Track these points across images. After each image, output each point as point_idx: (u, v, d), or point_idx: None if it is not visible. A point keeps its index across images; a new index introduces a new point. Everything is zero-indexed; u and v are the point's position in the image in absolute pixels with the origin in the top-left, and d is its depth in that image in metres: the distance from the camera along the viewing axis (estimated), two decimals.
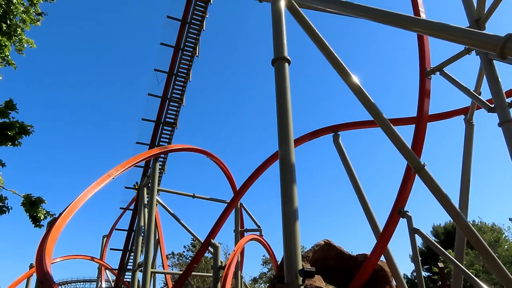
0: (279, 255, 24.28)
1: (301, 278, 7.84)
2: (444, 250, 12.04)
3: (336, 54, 10.67)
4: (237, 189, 23.09)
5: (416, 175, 10.47)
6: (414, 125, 13.09)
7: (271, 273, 53.37)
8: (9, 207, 8.54)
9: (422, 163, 9.56)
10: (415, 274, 40.13)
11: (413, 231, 12.69)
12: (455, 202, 11.19)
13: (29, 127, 8.87)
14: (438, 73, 13.05)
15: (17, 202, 8.75)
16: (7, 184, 8.88)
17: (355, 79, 10.51)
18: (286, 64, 10.08)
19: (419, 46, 13.54)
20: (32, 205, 8.42)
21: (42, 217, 8.49)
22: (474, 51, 11.75)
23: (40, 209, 8.50)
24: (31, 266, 25.42)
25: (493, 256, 9.89)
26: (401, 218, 13.20)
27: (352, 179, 16.44)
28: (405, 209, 13.20)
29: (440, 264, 12.53)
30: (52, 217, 9.18)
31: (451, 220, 40.75)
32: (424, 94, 13.02)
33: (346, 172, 16.77)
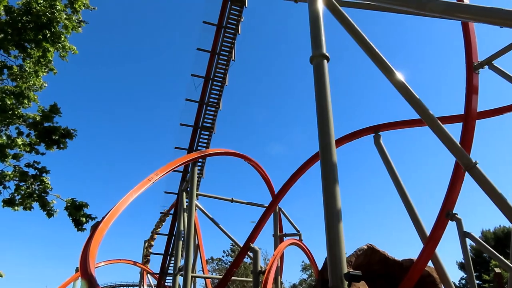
0: (319, 260, 23.76)
1: (346, 283, 7.51)
2: (498, 255, 11.23)
3: (378, 51, 10.28)
4: (275, 193, 22.86)
5: (467, 174, 9.89)
6: (462, 123, 12.40)
7: (311, 279, 52.52)
8: (56, 210, 8.77)
9: (474, 161, 8.96)
10: (463, 281, 38.32)
11: (463, 235, 11.98)
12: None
13: (72, 131, 9.09)
14: (486, 67, 12.30)
15: (60, 206, 8.98)
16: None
17: (399, 76, 10.07)
18: (325, 61, 9.80)
19: (464, 39, 12.83)
20: (76, 209, 8.59)
21: (85, 220, 8.64)
22: None
23: (83, 213, 8.66)
24: (76, 270, 26.25)
25: None
26: (449, 221, 12.54)
27: (395, 181, 15.82)
28: (453, 212, 12.51)
29: (497, 270, 11.65)
30: (94, 221, 9.33)
31: (502, 225, 38.57)
32: (471, 90, 12.31)
33: (389, 173, 16.17)
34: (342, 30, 10.16)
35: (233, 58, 21.92)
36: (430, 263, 13.66)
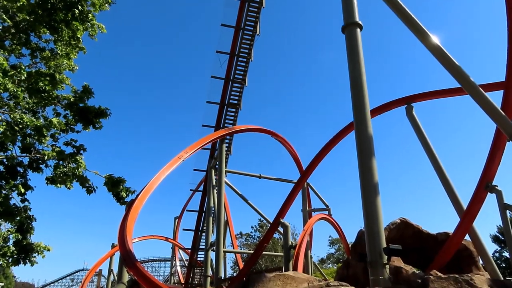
0: (349, 235, 23.66)
1: (385, 257, 7.39)
2: None
3: (411, 13, 9.81)
4: (304, 168, 22.73)
5: (508, 144, 9.45)
6: (503, 91, 11.77)
7: (338, 253, 52.76)
8: (95, 187, 8.95)
9: None
10: (497, 255, 37.54)
11: (504, 207, 11.53)
12: None
13: (106, 110, 9.16)
14: None
15: (99, 183, 9.15)
16: (88, 166, 9.30)
17: (435, 39, 9.59)
18: (358, 30, 9.46)
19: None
20: (114, 185, 8.74)
21: (125, 194, 8.80)
22: None
23: (122, 187, 8.81)
24: (113, 246, 27.19)
25: None
26: (488, 193, 12.10)
27: (429, 153, 15.39)
28: (493, 183, 12.05)
29: None
30: (134, 194, 9.49)
31: None
32: None
33: (422, 145, 15.73)
34: None
35: (258, 33, 21.49)
36: (466, 237, 13.36)
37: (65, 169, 8.84)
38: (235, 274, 35.24)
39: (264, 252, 23.17)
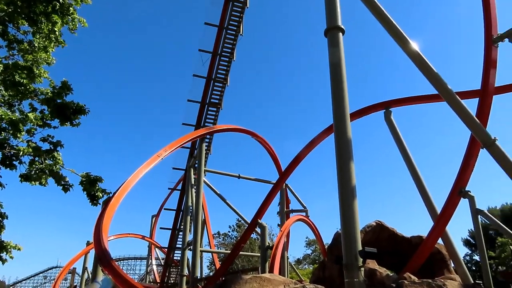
0: (325, 236, 23.92)
1: (361, 260, 7.48)
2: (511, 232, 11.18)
3: (392, 19, 9.99)
4: (282, 169, 22.82)
5: (482, 151, 9.73)
6: (478, 99, 12.10)
7: (314, 254, 53.23)
8: (71, 184, 8.75)
9: (493, 138, 8.77)
10: (468, 258, 38.65)
11: (476, 212, 11.88)
12: None
13: (85, 107, 8.97)
14: (506, 40, 11.89)
15: (75, 181, 8.95)
16: (65, 163, 9.08)
17: (415, 46, 9.80)
18: (340, 34, 9.56)
19: (484, 10, 12.37)
20: (91, 184, 8.56)
21: (100, 195, 8.62)
22: None
23: (97, 187, 8.64)
24: (88, 243, 26.69)
25: None
26: (461, 199, 12.42)
27: (405, 158, 15.67)
28: (466, 189, 12.38)
29: None
30: (108, 196, 9.32)
31: (508, 203, 38.54)
32: (489, 64, 11.92)
33: (399, 150, 16.01)
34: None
35: (241, 33, 21.47)
36: (439, 241, 13.67)
37: (41, 165, 8.61)
38: (211, 274, 35.13)
39: (241, 252, 23.21)
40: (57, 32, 8.90)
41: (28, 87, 8.43)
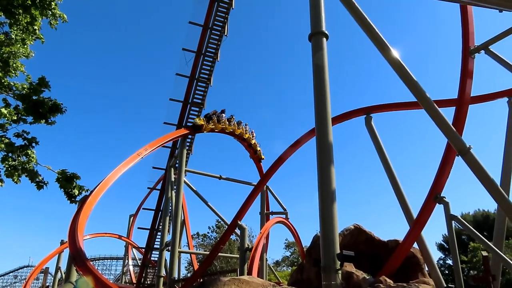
0: (304, 239, 24.06)
1: (339, 263, 7.56)
2: (483, 238, 11.49)
3: (375, 27, 10.16)
4: (264, 172, 22.89)
5: (456, 158, 9.96)
6: (455, 107, 12.42)
7: (293, 256, 53.43)
8: (46, 182, 8.52)
9: (468, 146, 9.01)
10: (441, 262, 39.48)
11: (450, 218, 12.17)
12: None
13: (61, 106, 8.76)
14: (483, 51, 12.27)
15: (51, 178, 8.72)
16: (41, 160, 8.85)
17: (395, 54, 9.98)
18: (324, 39, 9.66)
19: (462, 23, 12.75)
20: (67, 181, 8.36)
21: (77, 192, 8.43)
22: None
23: (75, 184, 8.44)
24: (62, 242, 26.11)
25: None
26: (437, 204, 12.71)
27: (384, 163, 15.95)
28: (441, 195, 12.67)
29: (484, 253, 11.96)
30: (86, 193, 9.12)
31: (481, 209, 39.57)
32: (466, 74, 12.31)
33: (378, 155, 16.28)
34: (333, 6, 10.00)
35: (225, 34, 21.44)
36: (415, 245, 13.95)
37: (14, 162, 8.35)
38: (189, 275, 34.85)
39: (220, 254, 23.10)
40: (36, 26, 8.68)
41: (3, 80, 8.18)
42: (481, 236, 11.42)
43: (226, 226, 20.91)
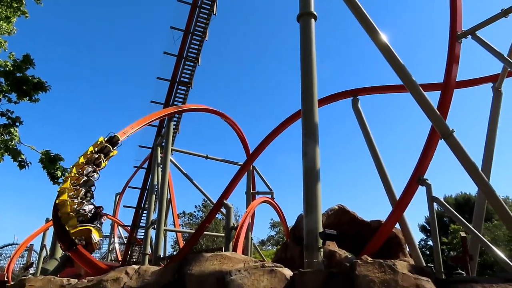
0: (289, 218, 24.40)
1: (321, 241, 7.74)
2: (463, 219, 11.80)
3: (364, 10, 10.12)
4: (250, 151, 22.98)
5: (440, 142, 10.15)
6: (440, 91, 12.54)
7: (278, 236, 54.23)
8: (29, 162, 8.45)
9: (451, 129, 9.18)
10: (422, 243, 40.58)
11: (432, 200, 12.40)
12: None
13: (45, 83, 8.63)
14: (469, 37, 12.32)
15: (35, 158, 8.64)
16: (25, 139, 8.76)
17: (384, 38, 10.00)
18: (313, 20, 9.62)
19: (450, 7, 12.74)
20: (50, 161, 8.30)
21: (60, 174, 8.38)
22: (511, 13, 11.11)
23: (58, 166, 8.39)
24: (47, 220, 26.06)
25: None
26: (420, 186, 12.94)
27: (369, 145, 16.10)
28: (424, 177, 12.89)
29: (462, 234, 12.30)
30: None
31: (462, 192, 40.55)
32: (452, 59, 12.33)
33: (364, 138, 16.42)
34: None
35: (214, 12, 21.15)
36: (397, 225, 14.29)
37: None
38: (175, 253, 35.17)
39: (205, 232, 23.30)
40: (21, 1, 8.48)
41: None
42: (460, 217, 11.71)
43: (212, 205, 21.06)
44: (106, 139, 16.14)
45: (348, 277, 4.39)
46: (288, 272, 5.23)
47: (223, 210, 19.37)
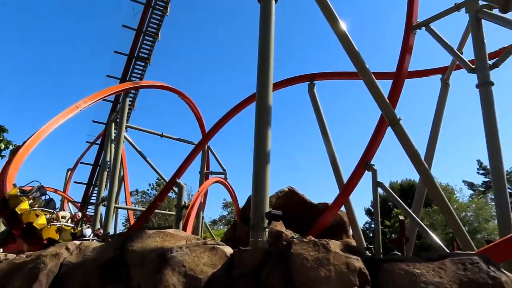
0: (241, 199, 24.65)
1: (266, 221, 7.94)
2: (404, 204, 12.46)
3: None
4: (206, 131, 22.86)
5: (388, 129, 10.59)
6: (392, 80, 12.99)
7: (230, 216, 54.78)
8: None
9: (398, 117, 9.59)
10: (367, 225, 42.54)
11: (376, 185, 12.96)
12: None
13: None
14: (423, 28, 12.80)
15: None
16: None
17: (343, 26, 10.18)
18: (273, 2, 9.61)
19: None
20: None
21: (3, 146, 7.97)
22: (464, 8, 11.62)
23: (1, 138, 7.97)
24: None
25: (451, 210, 10.36)
26: (366, 171, 13.48)
27: (322, 130, 16.52)
28: (371, 163, 13.42)
29: (401, 217, 13.03)
30: (14, 147, 8.65)
31: (407, 178, 42.66)
32: (406, 49, 12.76)
33: (318, 122, 16.80)
34: None
35: None
36: (342, 208, 14.85)
37: None
38: (126, 231, 34.67)
39: (156, 211, 23.17)
40: None
41: None
42: (401, 202, 12.34)
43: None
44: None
45: (284, 255, 4.55)
46: (229, 250, 5.34)
47: (176, 189, 19.27)
